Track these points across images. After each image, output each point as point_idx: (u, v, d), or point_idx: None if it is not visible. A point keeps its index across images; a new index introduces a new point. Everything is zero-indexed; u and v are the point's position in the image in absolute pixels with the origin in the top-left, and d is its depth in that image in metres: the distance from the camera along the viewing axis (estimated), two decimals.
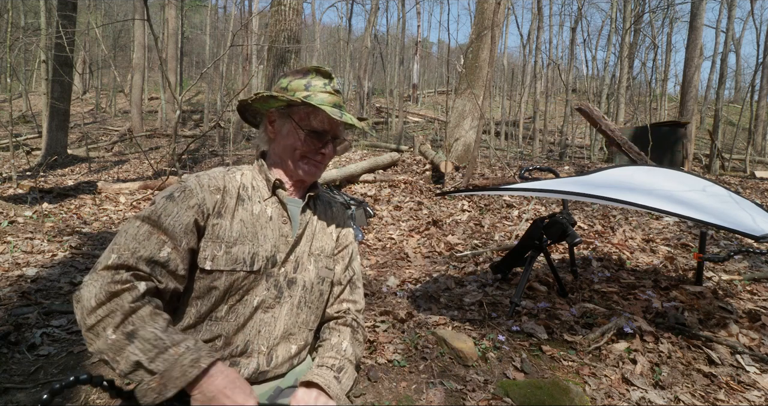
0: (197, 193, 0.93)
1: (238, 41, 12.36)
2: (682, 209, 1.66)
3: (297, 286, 1.03)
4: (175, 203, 0.91)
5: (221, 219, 0.96)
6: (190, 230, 0.90)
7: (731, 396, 1.69)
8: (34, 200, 5.32)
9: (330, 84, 1.05)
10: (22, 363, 1.83)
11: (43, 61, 10.18)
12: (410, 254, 3.73)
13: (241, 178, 1.03)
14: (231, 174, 1.03)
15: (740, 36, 22.65)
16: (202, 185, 0.95)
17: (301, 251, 1.05)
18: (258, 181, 1.05)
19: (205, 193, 0.95)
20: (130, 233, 0.86)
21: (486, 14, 7.06)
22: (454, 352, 1.96)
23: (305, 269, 1.05)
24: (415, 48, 27.69)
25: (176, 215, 0.89)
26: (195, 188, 0.94)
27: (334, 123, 1.03)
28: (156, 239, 0.86)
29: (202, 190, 0.94)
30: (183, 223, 0.89)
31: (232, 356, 0.95)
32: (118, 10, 26.83)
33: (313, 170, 1.05)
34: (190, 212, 0.91)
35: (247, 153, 11.61)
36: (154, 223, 0.87)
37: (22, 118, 16.46)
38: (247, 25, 14.40)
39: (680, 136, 9.01)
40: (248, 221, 0.98)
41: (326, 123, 1.02)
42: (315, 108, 1.00)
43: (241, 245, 0.95)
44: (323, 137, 1.03)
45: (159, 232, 0.87)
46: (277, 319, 1.00)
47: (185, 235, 0.89)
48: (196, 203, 0.92)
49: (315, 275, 1.06)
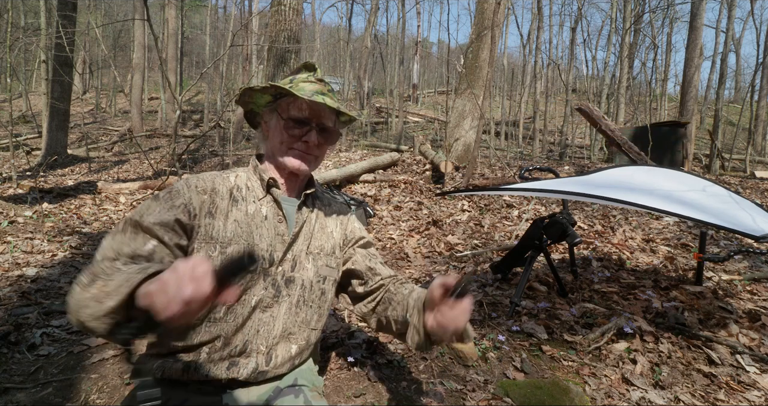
0: (183, 193, 0.95)
1: (238, 41, 12.36)
2: (682, 209, 1.66)
3: (295, 285, 1.03)
4: (159, 203, 0.92)
5: (213, 220, 0.96)
6: (171, 228, 0.91)
7: (731, 396, 1.69)
8: (34, 200, 5.32)
9: (313, 75, 1.05)
10: (22, 363, 1.83)
11: (43, 61, 10.18)
12: (410, 254, 3.73)
13: (234, 180, 1.04)
14: (223, 176, 1.04)
15: (740, 36, 22.64)
16: (189, 186, 0.97)
17: (299, 250, 1.05)
18: (252, 182, 1.05)
19: (192, 193, 0.95)
20: (116, 237, 0.88)
21: (486, 14, 7.06)
22: (454, 352, 1.96)
23: (303, 267, 1.05)
24: (415, 48, 27.69)
25: (158, 214, 0.90)
26: (182, 189, 0.96)
27: (315, 110, 1.01)
28: (140, 237, 0.87)
29: (189, 191, 0.96)
30: (164, 220, 0.90)
31: (231, 356, 0.95)
32: (118, 10, 26.83)
33: (298, 161, 1.02)
34: (173, 211, 0.92)
35: (247, 153, 11.60)
36: (136, 223, 0.89)
37: (22, 118, 16.46)
38: (247, 25, 14.40)
39: (680, 136, 9.01)
40: (243, 221, 0.98)
41: (306, 110, 1.01)
42: (295, 97, 1.00)
43: (236, 244, 0.95)
44: (305, 125, 1.01)
45: (141, 230, 0.88)
46: (275, 318, 1.00)
47: (166, 232, 0.90)
48: (182, 202, 0.93)
49: (314, 274, 1.06)
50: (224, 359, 0.95)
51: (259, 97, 1.06)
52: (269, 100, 1.05)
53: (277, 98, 1.04)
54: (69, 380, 1.71)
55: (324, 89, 1.03)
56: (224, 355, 0.95)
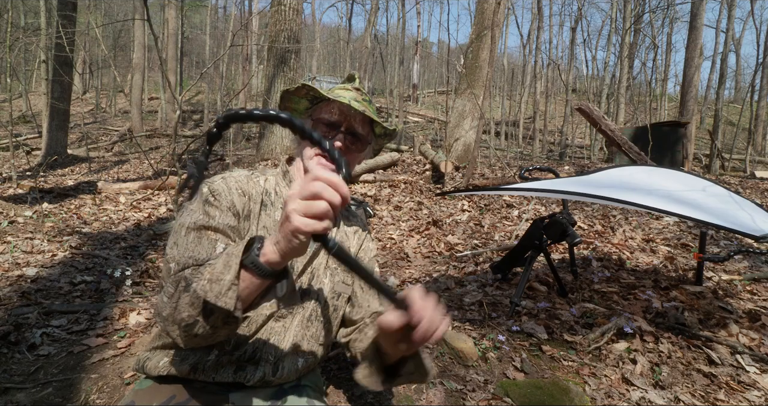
0: (226, 195, 0.94)
1: (238, 41, 12.35)
2: (683, 208, 1.66)
3: (311, 298, 1.02)
4: (215, 207, 0.91)
5: (248, 223, 0.96)
6: (234, 228, 0.92)
7: (731, 396, 1.69)
8: (34, 200, 5.32)
9: (352, 84, 1.07)
10: (22, 363, 1.83)
11: (43, 61, 10.17)
12: (410, 254, 3.73)
13: (264, 184, 1.02)
14: (255, 179, 1.02)
15: (740, 36, 22.64)
16: (230, 187, 0.95)
17: (318, 263, 1.04)
18: (281, 187, 1.04)
19: (234, 196, 0.95)
20: (180, 244, 0.86)
21: (486, 14, 7.06)
22: (454, 352, 1.96)
23: (321, 281, 1.04)
24: (415, 48, 27.69)
25: (220, 217, 0.90)
26: (224, 191, 0.94)
27: (345, 114, 1.01)
28: (207, 240, 0.87)
29: (230, 193, 0.94)
30: (228, 223, 0.91)
31: (239, 361, 0.95)
32: (118, 10, 26.83)
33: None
34: (228, 212, 0.92)
35: (248, 153, 11.60)
36: (201, 227, 0.88)
37: (22, 118, 16.46)
38: (247, 25, 14.40)
39: (680, 136, 9.01)
40: (271, 228, 0.97)
41: (336, 113, 1.01)
42: (329, 101, 1.00)
43: None
44: (333, 127, 1.00)
45: (208, 232, 0.87)
46: (287, 329, 0.99)
47: (233, 231, 0.91)
48: (227, 205, 0.93)
49: (330, 289, 1.05)
50: (232, 363, 0.95)
51: (297, 102, 1.06)
52: (307, 105, 1.06)
53: (314, 104, 1.05)
54: (69, 380, 1.71)
55: (359, 97, 1.03)
56: (233, 359, 0.94)
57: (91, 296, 2.61)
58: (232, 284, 0.68)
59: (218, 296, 0.69)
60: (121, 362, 1.87)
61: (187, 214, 0.91)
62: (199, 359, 0.93)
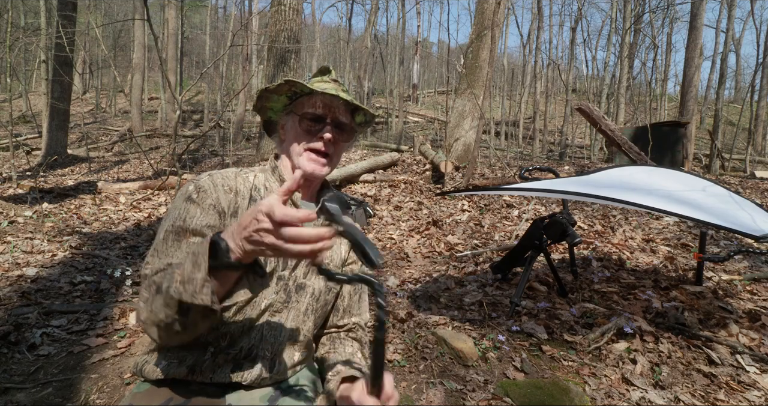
0: (211, 193, 0.94)
1: (238, 41, 12.35)
2: (683, 208, 1.66)
3: (305, 292, 1.02)
4: (196, 205, 0.92)
5: (235, 220, 0.95)
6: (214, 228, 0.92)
7: (731, 396, 1.69)
8: (34, 200, 5.32)
9: (328, 75, 1.06)
10: (22, 363, 1.83)
11: (43, 61, 10.18)
12: (410, 254, 3.73)
13: (253, 180, 1.03)
14: (243, 175, 1.02)
15: (740, 36, 22.64)
16: (216, 185, 0.96)
17: None
18: (271, 183, 1.04)
19: (219, 193, 0.95)
20: (160, 249, 0.88)
21: (486, 14, 7.05)
22: (454, 352, 1.96)
23: (315, 276, 1.04)
24: (415, 48, 27.68)
25: (199, 217, 0.90)
26: (209, 188, 0.94)
27: (329, 106, 1.01)
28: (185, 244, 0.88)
29: (216, 190, 0.95)
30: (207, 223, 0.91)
31: (235, 358, 0.95)
32: (118, 10, 26.82)
33: (312, 165, 1.01)
34: (210, 211, 0.92)
35: (247, 153, 11.61)
36: (179, 229, 0.89)
37: (22, 118, 16.46)
38: (247, 25, 14.40)
39: (680, 136, 9.01)
40: None
41: (320, 106, 1.01)
42: (310, 94, 1.00)
43: None
44: (319, 121, 1.00)
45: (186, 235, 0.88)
46: (283, 324, 1.00)
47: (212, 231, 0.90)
48: (210, 203, 0.93)
49: (324, 284, 1.06)
50: (229, 362, 0.95)
51: (275, 101, 1.06)
52: (285, 102, 1.06)
53: (293, 99, 1.04)
54: (69, 380, 1.71)
55: (338, 88, 1.03)
56: (228, 358, 0.94)
57: (91, 296, 2.61)
58: (205, 281, 0.70)
59: (194, 294, 0.71)
60: (121, 362, 1.87)
61: (169, 216, 0.92)
62: (196, 359, 0.93)
